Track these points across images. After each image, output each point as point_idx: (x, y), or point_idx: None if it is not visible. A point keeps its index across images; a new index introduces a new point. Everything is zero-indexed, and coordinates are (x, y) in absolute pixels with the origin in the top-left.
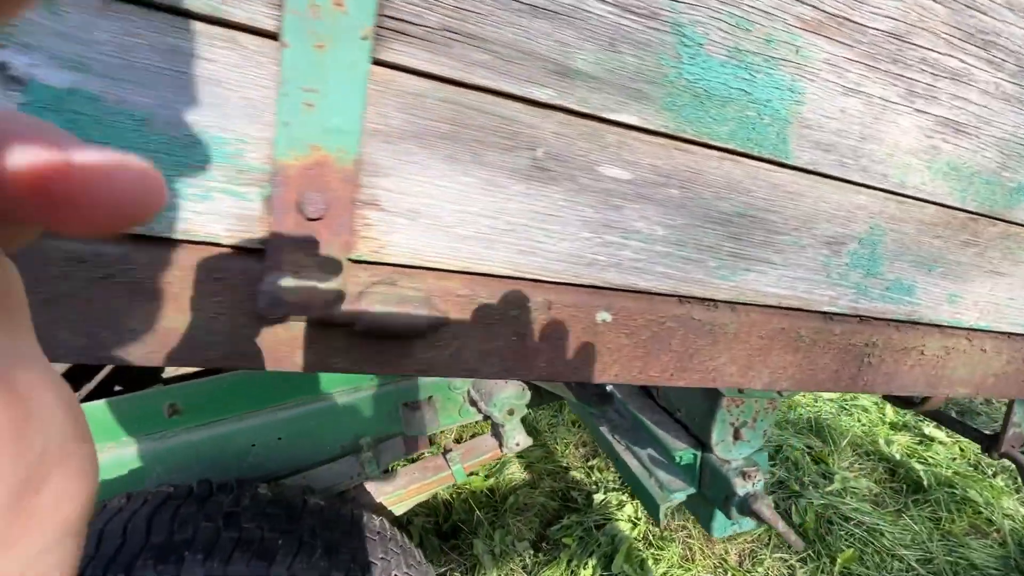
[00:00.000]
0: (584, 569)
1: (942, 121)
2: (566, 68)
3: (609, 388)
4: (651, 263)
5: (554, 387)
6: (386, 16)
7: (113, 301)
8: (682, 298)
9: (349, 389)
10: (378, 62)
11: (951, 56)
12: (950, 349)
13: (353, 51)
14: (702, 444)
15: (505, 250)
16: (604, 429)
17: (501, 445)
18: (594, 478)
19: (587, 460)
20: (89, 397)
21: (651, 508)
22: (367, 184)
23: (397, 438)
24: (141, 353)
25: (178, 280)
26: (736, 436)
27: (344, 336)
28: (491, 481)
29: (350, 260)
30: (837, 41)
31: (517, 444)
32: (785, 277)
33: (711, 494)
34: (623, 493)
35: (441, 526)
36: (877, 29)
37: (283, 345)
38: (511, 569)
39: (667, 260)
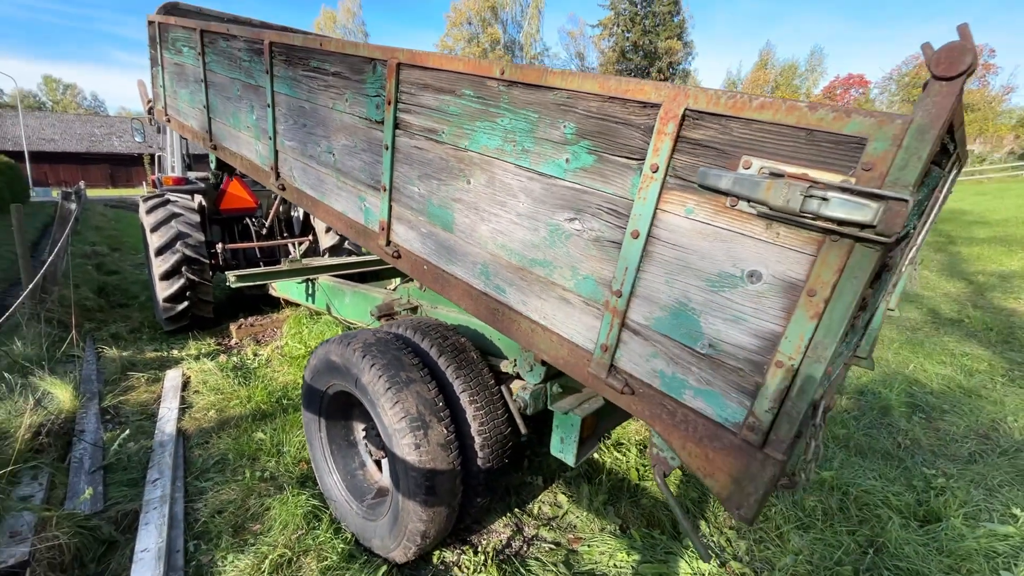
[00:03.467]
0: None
1: (492, 231)
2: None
3: None
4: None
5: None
6: None
7: None
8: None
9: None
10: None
11: (495, 211)
12: (534, 330)
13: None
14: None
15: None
16: None
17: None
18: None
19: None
20: None
21: None
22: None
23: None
24: None
25: None
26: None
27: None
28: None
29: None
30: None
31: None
32: (466, 272)
33: None
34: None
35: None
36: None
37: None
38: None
39: (434, 254)
